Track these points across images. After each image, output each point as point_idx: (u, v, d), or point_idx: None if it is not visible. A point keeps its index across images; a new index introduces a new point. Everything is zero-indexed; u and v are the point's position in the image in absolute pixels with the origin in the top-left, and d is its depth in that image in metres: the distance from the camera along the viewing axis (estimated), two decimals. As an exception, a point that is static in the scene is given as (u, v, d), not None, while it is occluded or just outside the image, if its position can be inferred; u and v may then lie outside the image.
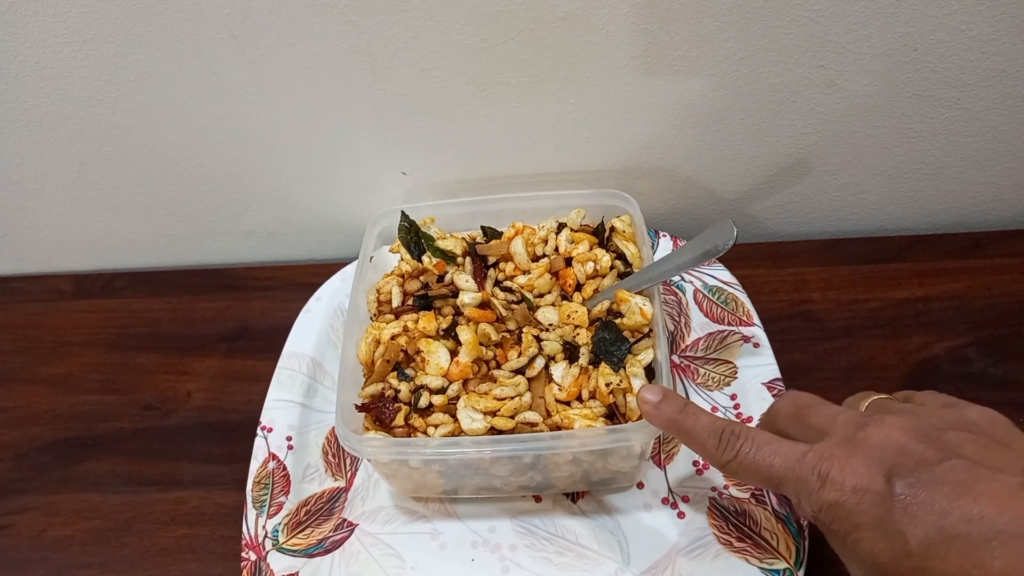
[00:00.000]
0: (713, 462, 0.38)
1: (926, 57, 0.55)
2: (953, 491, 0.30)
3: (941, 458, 0.32)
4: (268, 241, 0.73)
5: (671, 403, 0.41)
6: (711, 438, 0.38)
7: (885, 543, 0.31)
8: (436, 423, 0.46)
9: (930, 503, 0.30)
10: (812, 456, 0.34)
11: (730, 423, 0.38)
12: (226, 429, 0.59)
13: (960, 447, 0.33)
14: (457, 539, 0.50)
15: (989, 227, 0.67)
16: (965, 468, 0.31)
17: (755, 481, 0.37)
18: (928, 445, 0.33)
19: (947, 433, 0.34)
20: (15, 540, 0.55)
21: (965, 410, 0.36)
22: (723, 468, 0.38)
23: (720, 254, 0.46)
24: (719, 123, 0.60)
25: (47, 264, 0.76)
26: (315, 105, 0.60)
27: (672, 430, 0.41)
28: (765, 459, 0.36)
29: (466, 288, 0.52)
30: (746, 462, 0.36)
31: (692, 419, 0.40)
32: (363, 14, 0.53)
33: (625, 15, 0.52)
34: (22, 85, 0.58)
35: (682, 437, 0.41)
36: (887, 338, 0.59)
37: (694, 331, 0.59)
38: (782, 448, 0.36)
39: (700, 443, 0.39)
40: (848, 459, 0.33)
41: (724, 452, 0.37)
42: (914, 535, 0.30)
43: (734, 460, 0.37)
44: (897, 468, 0.32)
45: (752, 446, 0.36)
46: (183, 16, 0.53)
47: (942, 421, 0.35)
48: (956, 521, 0.29)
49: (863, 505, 0.32)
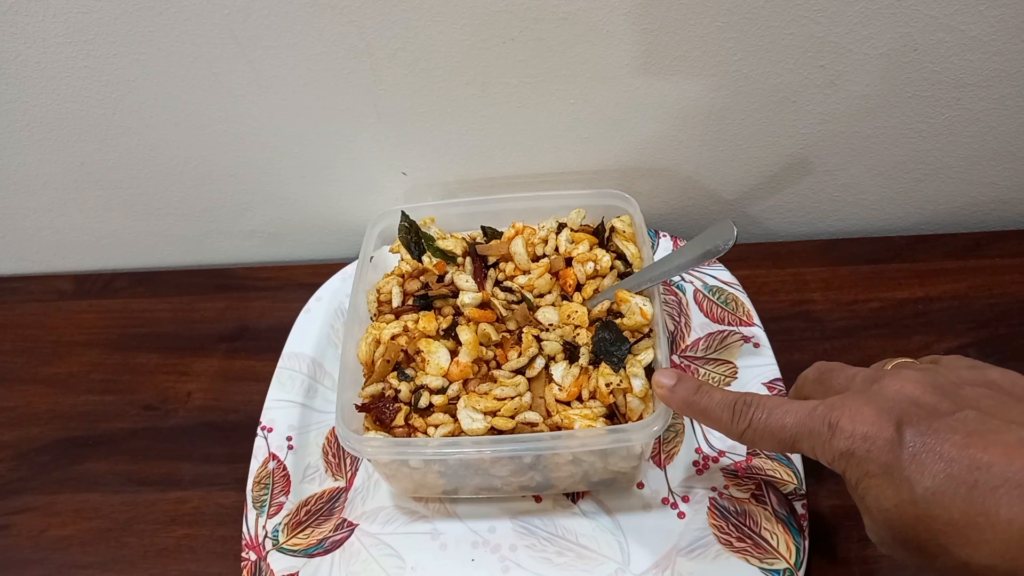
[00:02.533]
0: (730, 435, 0.39)
1: (926, 57, 0.55)
2: (963, 440, 0.30)
3: (953, 409, 0.32)
4: (268, 241, 0.73)
5: (685, 385, 0.41)
6: (725, 412, 0.38)
7: (892, 490, 0.31)
8: (436, 423, 0.46)
9: (938, 451, 0.30)
10: (823, 408, 0.34)
11: (742, 394, 0.38)
12: (226, 429, 0.59)
13: (975, 400, 0.33)
14: (457, 539, 0.50)
15: (989, 227, 0.67)
16: (977, 419, 0.31)
17: (772, 445, 0.37)
18: (942, 397, 0.33)
19: (964, 388, 0.34)
20: (15, 540, 0.55)
21: (986, 370, 0.36)
22: (740, 439, 0.38)
23: (720, 254, 0.46)
24: (719, 123, 0.60)
25: (47, 264, 0.76)
26: (315, 105, 0.60)
27: (688, 411, 0.41)
28: (777, 420, 0.36)
29: (466, 288, 0.52)
30: (760, 427, 0.37)
31: (706, 397, 0.40)
32: (363, 14, 0.53)
33: (625, 15, 0.52)
34: (22, 85, 0.58)
35: (698, 416, 0.41)
36: (887, 338, 0.59)
37: (694, 331, 0.59)
38: (793, 407, 0.36)
39: (716, 418, 0.39)
40: (859, 408, 0.33)
41: (738, 422, 0.38)
42: (920, 483, 0.30)
43: (748, 428, 0.37)
44: (908, 417, 0.32)
45: (764, 411, 0.37)
46: (183, 16, 0.53)
47: (960, 378, 0.35)
48: (963, 468, 0.29)
49: (872, 452, 0.32)
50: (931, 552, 0.30)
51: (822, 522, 0.49)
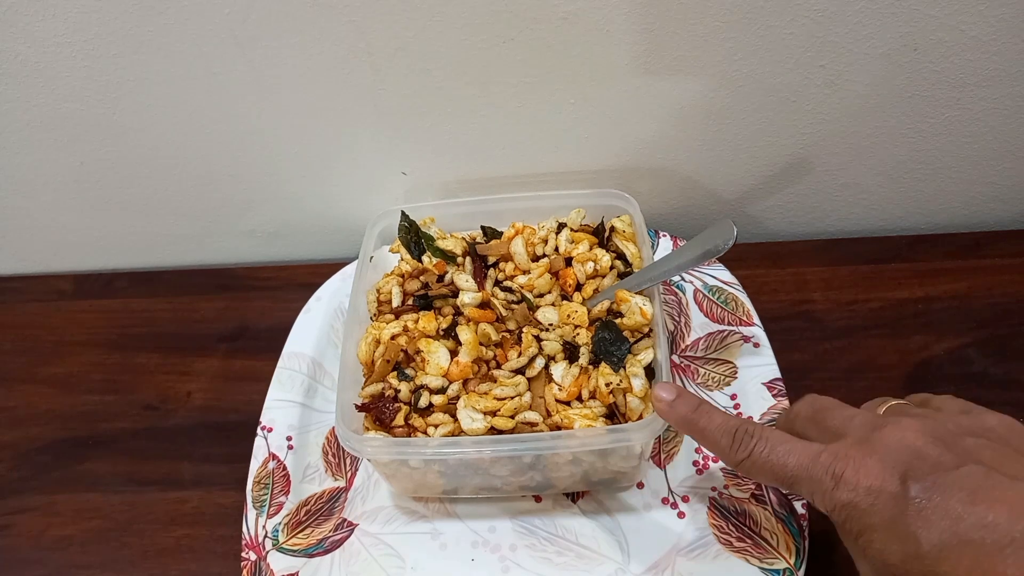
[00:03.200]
0: (727, 461, 0.38)
1: (926, 57, 0.55)
2: (968, 496, 0.30)
3: (957, 463, 0.32)
4: (268, 241, 0.73)
5: (685, 402, 0.41)
6: (725, 437, 0.38)
7: (897, 545, 0.31)
8: (436, 423, 0.46)
9: (944, 507, 0.30)
10: (826, 456, 0.34)
11: (744, 422, 0.38)
12: (226, 429, 0.59)
13: (976, 453, 0.33)
14: (457, 539, 0.50)
15: (989, 227, 0.67)
16: (981, 474, 0.31)
17: (769, 480, 0.37)
18: (945, 449, 0.33)
19: (964, 439, 0.34)
20: (15, 540, 0.55)
21: (983, 416, 0.36)
22: (736, 467, 0.38)
23: (720, 254, 0.46)
24: (719, 123, 0.60)
25: (47, 264, 0.76)
26: (315, 105, 0.60)
27: (686, 429, 0.41)
28: (779, 459, 0.36)
29: (466, 288, 0.52)
30: (760, 461, 0.36)
31: (706, 418, 0.40)
32: (363, 14, 0.53)
33: (625, 15, 0.52)
34: (22, 85, 0.58)
35: (696, 436, 0.40)
36: (887, 338, 0.59)
37: (694, 331, 0.59)
38: (796, 448, 0.35)
39: (714, 442, 0.39)
40: (863, 460, 0.33)
41: (738, 451, 0.37)
42: (927, 539, 0.30)
43: (748, 459, 0.37)
44: (912, 471, 0.32)
45: (766, 445, 0.36)
46: (183, 16, 0.53)
47: (958, 426, 0.35)
48: (970, 527, 0.29)
49: (876, 506, 0.32)
50: None
51: (822, 522, 0.49)
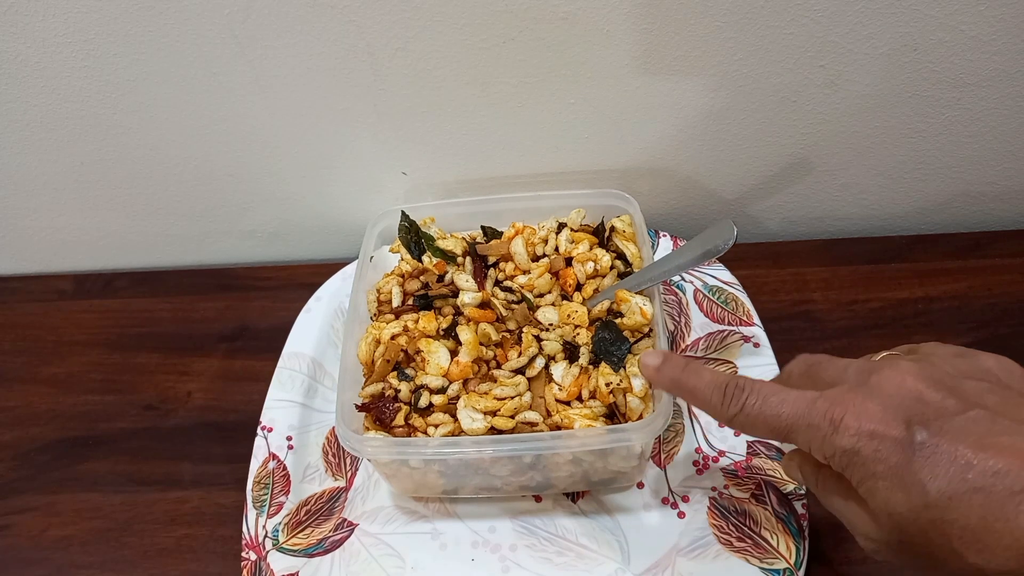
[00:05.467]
0: (719, 417, 0.37)
1: (926, 57, 0.55)
2: (976, 442, 0.29)
3: (962, 408, 0.31)
4: (268, 241, 0.73)
5: (672, 364, 0.40)
6: (715, 393, 0.37)
7: (902, 494, 0.30)
8: (436, 423, 0.46)
9: (952, 454, 0.29)
10: (823, 402, 0.33)
11: (733, 377, 0.37)
12: (226, 429, 0.59)
13: (980, 397, 0.31)
14: (457, 539, 0.50)
15: (989, 227, 0.67)
16: (988, 419, 0.30)
17: (764, 433, 0.35)
18: (947, 394, 0.31)
19: (965, 381, 0.32)
20: (15, 540, 0.55)
21: (980, 358, 0.35)
22: (730, 422, 0.37)
23: (720, 254, 0.46)
24: (719, 123, 0.60)
25: (47, 264, 0.76)
26: (315, 105, 0.60)
27: (676, 390, 0.40)
28: (772, 409, 0.34)
29: (466, 288, 0.52)
30: (753, 413, 0.35)
31: (695, 377, 0.39)
32: (363, 14, 0.53)
33: (625, 15, 0.52)
34: (22, 85, 0.58)
35: (686, 396, 0.40)
36: (887, 338, 0.59)
37: (694, 331, 0.59)
38: (789, 396, 0.34)
39: (705, 400, 0.38)
40: (863, 403, 0.32)
41: (730, 406, 0.36)
42: (934, 486, 0.29)
43: (740, 413, 0.36)
44: (916, 416, 0.31)
45: (758, 397, 0.35)
46: (183, 16, 0.53)
47: (957, 369, 0.33)
48: (979, 474, 0.29)
49: (881, 452, 0.31)
50: (940, 557, 0.30)
51: (822, 522, 0.49)
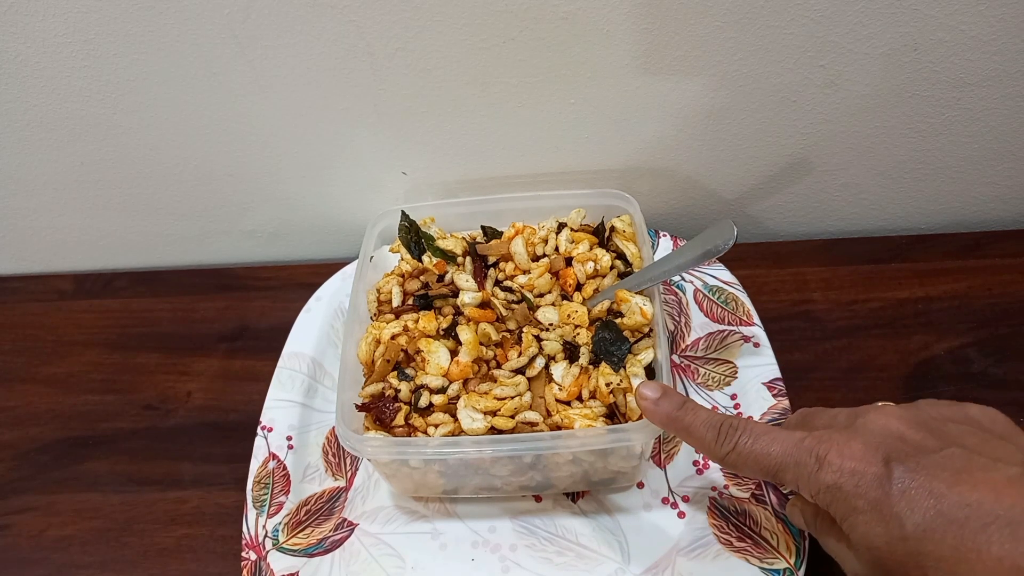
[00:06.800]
0: (712, 456, 0.39)
1: (926, 57, 0.55)
2: (951, 477, 0.31)
3: (940, 446, 0.32)
4: (268, 241, 0.73)
5: (669, 400, 0.41)
6: (709, 432, 0.38)
7: (881, 527, 0.31)
8: (436, 423, 0.46)
9: (928, 488, 0.31)
10: (810, 440, 0.35)
11: (728, 417, 0.39)
12: (226, 429, 0.59)
13: (959, 438, 0.33)
14: (457, 539, 0.50)
15: (989, 227, 0.67)
16: (963, 456, 0.31)
17: (755, 472, 0.37)
18: (928, 434, 0.33)
19: (947, 425, 0.34)
20: (15, 540, 0.55)
21: (965, 407, 0.36)
22: (723, 461, 0.38)
23: (720, 254, 0.46)
24: (719, 123, 0.60)
25: (47, 264, 0.76)
26: (315, 105, 0.60)
27: (671, 427, 0.41)
28: (763, 447, 0.36)
29: (466, 288, 0.52)
30: (744, 452, 0.37)
31: (691, 415, 0.40)
32: (363, 14, 0.53)
33: (625, 15, 0.52)
34: (22, 85, 0.58)
35: (681, 433, 0.41)
36: (887, 338, 0.59)
37: (694, 331, 0.59)
38: (780, 436, 0.36)
39: (699, 438, 0.39)
40: (847, 442, 0.33)
41: (723, 445, 0.38)
42: (911, 519, 0.30)
43: (732, 452, 0.37)
44: (895, 453, 0.32)
45: (750, 436, 0.37)
46: (183, 16, 0.53)
47: (940, 415, 0.35)
48: (953, 506, 0.30)
49: (860, 488, 0.32)
50: None
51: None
